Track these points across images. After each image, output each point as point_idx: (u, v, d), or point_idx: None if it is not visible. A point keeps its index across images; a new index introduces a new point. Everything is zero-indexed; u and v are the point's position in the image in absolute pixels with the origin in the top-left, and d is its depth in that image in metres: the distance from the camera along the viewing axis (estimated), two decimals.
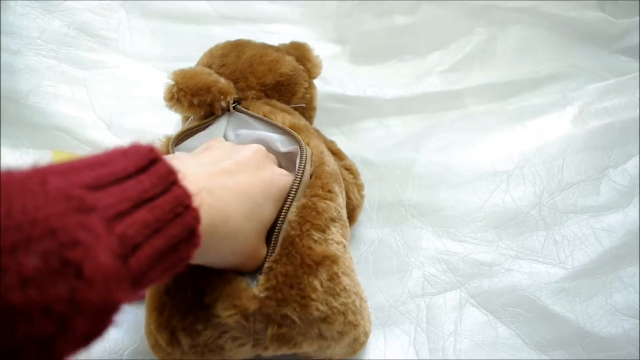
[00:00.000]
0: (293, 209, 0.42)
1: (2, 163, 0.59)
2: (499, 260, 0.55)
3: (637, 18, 0.72)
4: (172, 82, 0.49)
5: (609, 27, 0.72)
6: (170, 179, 0.29)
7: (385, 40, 0.74)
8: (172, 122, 0.51)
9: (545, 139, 0.63)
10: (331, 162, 0.47)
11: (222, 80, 0.50)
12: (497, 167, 0.61)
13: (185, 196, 0.29)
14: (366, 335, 0.47)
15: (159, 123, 0.65)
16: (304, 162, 0.45)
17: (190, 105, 0.49)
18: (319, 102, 0.62)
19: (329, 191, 0.45)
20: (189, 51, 0.69)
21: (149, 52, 0.71)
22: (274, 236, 0.41)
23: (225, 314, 0.38)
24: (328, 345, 0.42)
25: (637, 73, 0.68)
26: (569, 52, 0.73)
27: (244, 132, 0.49)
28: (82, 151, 0.62)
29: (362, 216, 0.59)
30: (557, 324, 0.51)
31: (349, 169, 0.54)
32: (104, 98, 0.66)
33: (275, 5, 0.75)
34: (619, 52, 0.72)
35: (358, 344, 0.47)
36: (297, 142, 0.46)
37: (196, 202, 0.29)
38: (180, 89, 0.48)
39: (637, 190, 0.58)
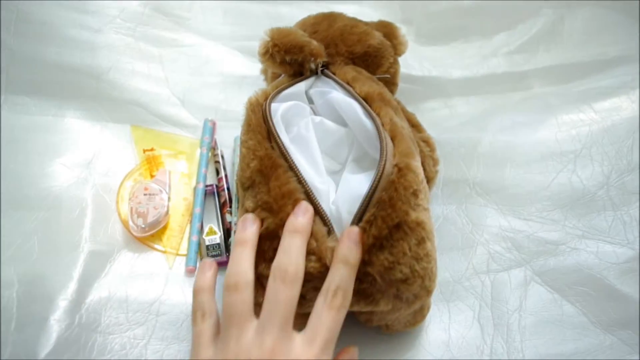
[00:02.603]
0: (389, 168, 0.43)
1: (83, 137, 0.63)
2: (565, 239, 0.55)
3: None
4: (268, 38, 0.51)
5: None
6: None
7: (451, 21, 0.74)
8: (242, 98, 0.53)
9: (613, 120, 0.62)
10: (405, 127, 0.48)
11: (315, 42, 0.52)
12: (564, 147, 0.61)
13: None
14: (429, 308, 0.49)
15: (229, 100, 0.68)
16: (381, 130, 0.46)
17: (282, 61, 0.51)
18: None
19: (412, 151, 0.45)
20: (258, 30, 0.71)
21: (220, 31, 0.73)
22: (366, 196, 0.42)
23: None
24: (400, 307, 0.43)
25: None
26: (638, 34, 0.72)
27: (329, 94, 0.51)
28: (158, 126, 0.65)
29: None
30: (624, 304, 0.51)
31: (427, 142, 0.55)
32: (178, 75, 0.69)
33: None
34: None
35: (421, 315, 0.48)
36: (368, 112, 0.48)
37: None
38: (275, 44, 0.51)
39: None
